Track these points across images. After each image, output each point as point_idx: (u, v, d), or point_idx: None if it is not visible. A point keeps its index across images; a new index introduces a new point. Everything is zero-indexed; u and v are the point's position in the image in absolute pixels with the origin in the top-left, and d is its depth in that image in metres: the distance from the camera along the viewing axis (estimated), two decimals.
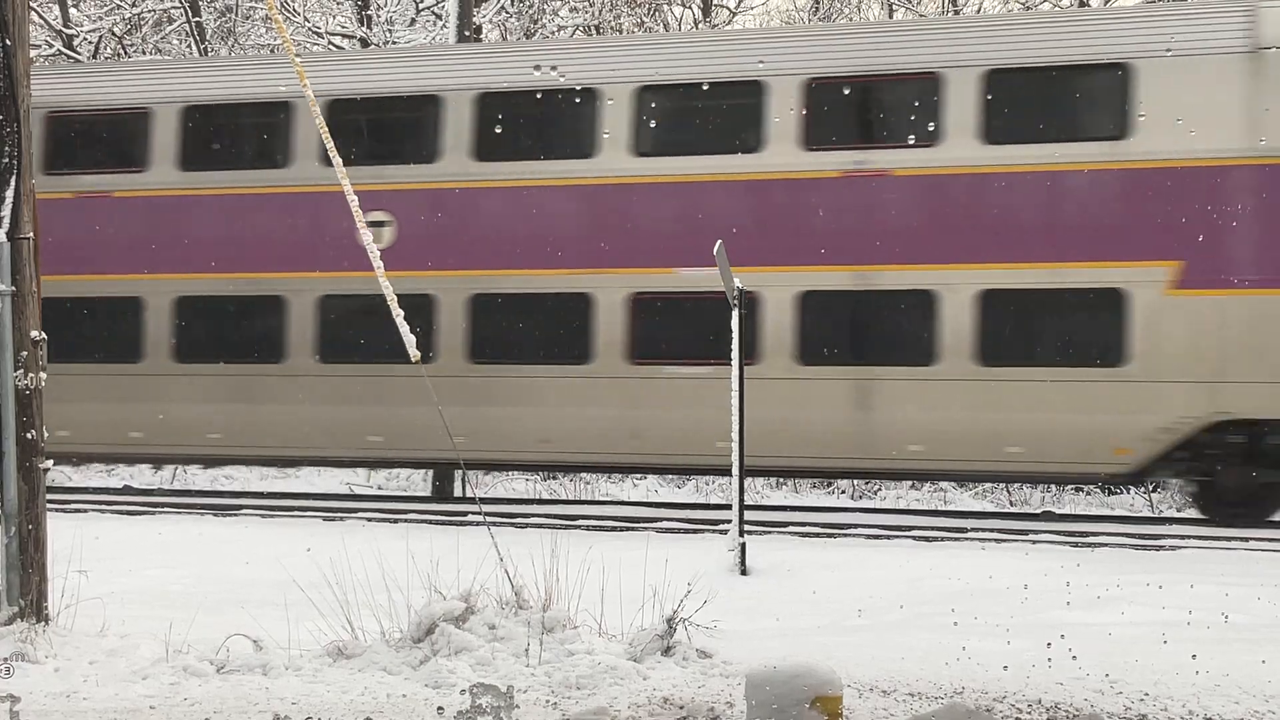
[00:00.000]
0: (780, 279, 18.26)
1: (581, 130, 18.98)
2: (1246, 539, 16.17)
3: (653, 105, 19.07)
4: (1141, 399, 17.30)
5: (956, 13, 34.58)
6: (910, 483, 23.73)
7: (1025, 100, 17.91)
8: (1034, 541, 15.86)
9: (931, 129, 18.09)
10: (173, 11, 33.38)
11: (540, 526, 15.79)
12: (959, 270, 17.72)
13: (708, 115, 19.01)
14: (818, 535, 16.70)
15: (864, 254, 18.05)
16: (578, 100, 19.14)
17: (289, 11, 31.69)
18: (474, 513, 17.14)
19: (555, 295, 19.08)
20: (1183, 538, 16.40)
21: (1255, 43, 17.18)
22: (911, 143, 18.13)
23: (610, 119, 19.03)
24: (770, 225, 18.43)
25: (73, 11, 33.50)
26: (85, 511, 18.30)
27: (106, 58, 33.04)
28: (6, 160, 9.72)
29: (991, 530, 16.76)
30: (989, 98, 17.90)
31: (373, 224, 18.71)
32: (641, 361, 18.68)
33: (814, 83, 18.50)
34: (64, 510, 17.25)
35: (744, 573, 13.82)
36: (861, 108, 18.67)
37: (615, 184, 18.60)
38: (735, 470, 14.38)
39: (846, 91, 18.53)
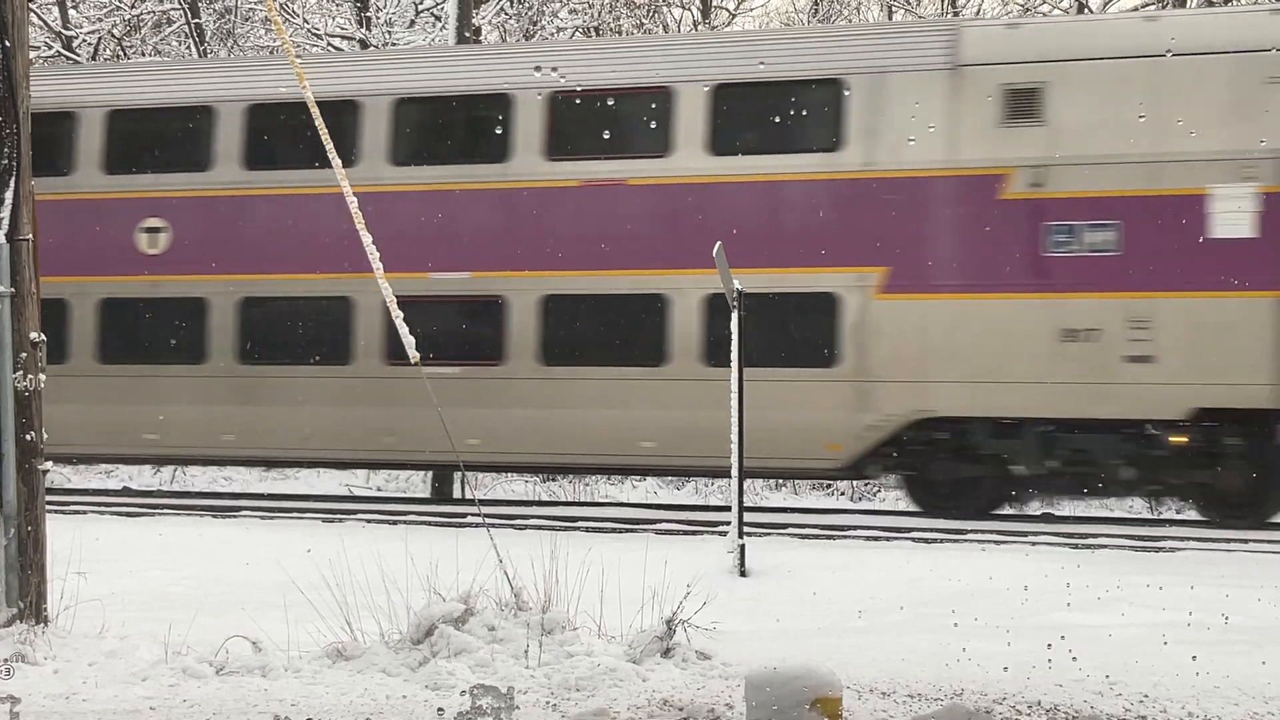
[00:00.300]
0: (526, 283, 19.33)
1: (345, 141, 19.51)
2: (1246, 540, 16.18)
3: (410, 117, 20.10)
4: (851, 398, 18.27)
5: (955, 14, 34.61)
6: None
7: (748, 114, 18.93)
8: (1034, 543, 15.86)
9: (663, 141, 19.08)
10: (172, 13, 33.38)
11: (539, 528, 15.79)
12: (688, 275, 18.56)
13: (460, 127, 20.33)
14: (817, 537, 16.70)
15: (601, 260, 19.10)
16: (342, 111, 19.70)
17: (288, 13, 31.70)
18: (473, 514, 17.14)
19: (317, 299, 20.02)
20: (1182, 539, 16.41)
21: (956, 60, 18.20)
22: (645, 154, 19.15)
23: (370, 130, 20.00)
24: (516, 232, 19.45)
25: (72, 13, 33.50)
26: (85, 513, 18.29)
27: (105, 59, 33.05)
28: (6, 161, 9.72)
29: (991, 531, 16.76)
30: (715, 111, 18.89)
31: (149, 230, 20.38)
32: (396, 362, 19.08)
33: (557, 96, 19.49)
34: (63, 512, 17.24)
35: (743, 574, 13.82)
36: (600, 120, 19.43)
37: (373, 192, 19.11)
38: (734, 471, 14.38)
39: (587, 104, 19.47)
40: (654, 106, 19.16)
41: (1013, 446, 18.09)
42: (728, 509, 15.00)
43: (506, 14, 32.24)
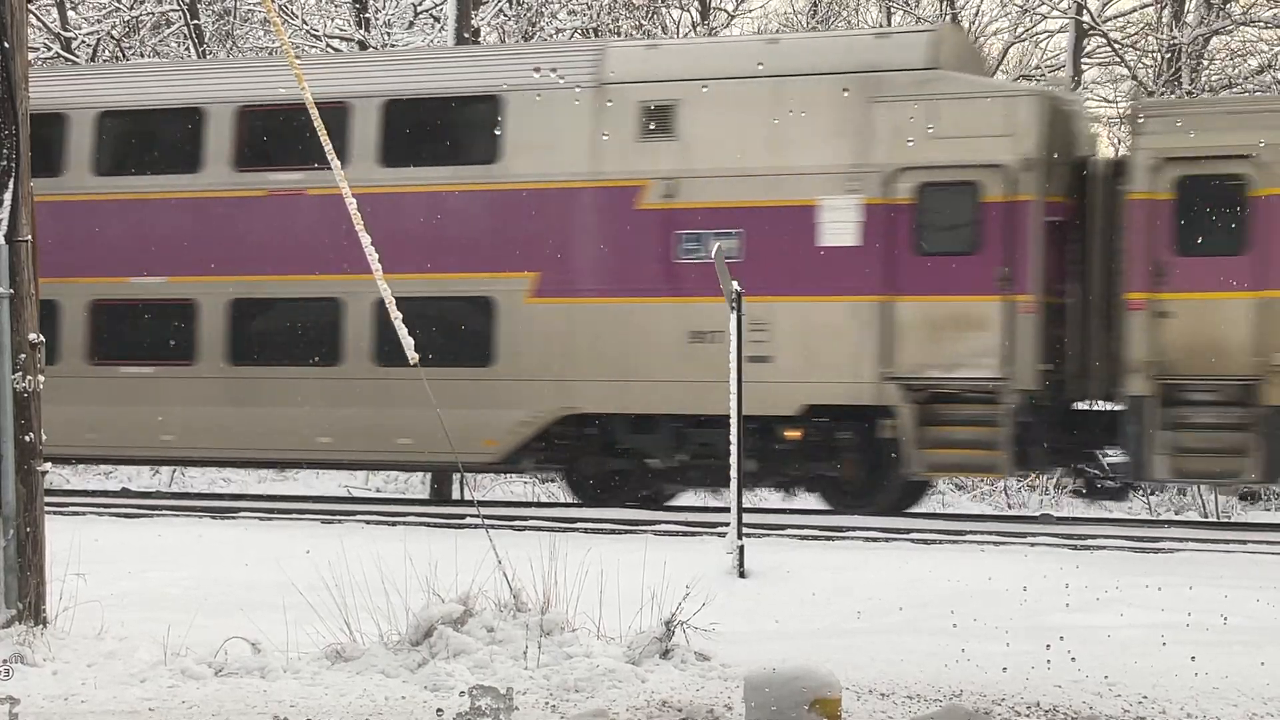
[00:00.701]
0: (215, 287, 20.39)
1: (51, 152, 20.37)
2: (1245, 541, 16.19)
3: (111, 129, 21.25)
4: (505, 395, 19.34)
5: (954, 16, 34.61)
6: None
7: (416, 128, 20.18)
8: (1033, 544, 15.85)
9: (341, 153, 20.00)
10: (171, 14, 33.38)
11: (538, 529, 15.77)
12: (360, 280, 19.05)
13: (156, 138, 21.37)
14: (816, 537, 16.68)
15: (282, 265, 20.17)
16: (50, 124, 20.32)
17: (287, 14, 31.69)
18: (472, 515, 17.12)
19: (161, 302, 20.85)
20: (1181, 540, 16.41)
21: (600, 79, 19.32)
22: (325, 165, 20.09)
23: (74, 141, 21.04)
24: (207, 239, 20.55)
25: (71, 14, 33.49)
26: (84, 514, 18.27)
27: (104, 60, 33.05)
28: (5, 163, 9.73)
29: (990, 533, 16.75)
30: (387, 125, 20.11)
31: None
32: (101, 362, 20.68)
33: (245, 110, 20.57)
34: (62, 513, 17.21)
35: (742, 575, 13.81)
36: (282, 133, 20.37)
37: (78, 201, 20.55)
38: (734, 472, 14.38)
39: (271, 119, 20.39)
40: (331, 121, 20.26)
41: (649, 441, 19.21)
42: (726, 510, 14.99)
43: (505, 15, 32.24)
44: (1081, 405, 19.35)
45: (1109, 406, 18.83)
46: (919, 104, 18.17)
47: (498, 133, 19.52)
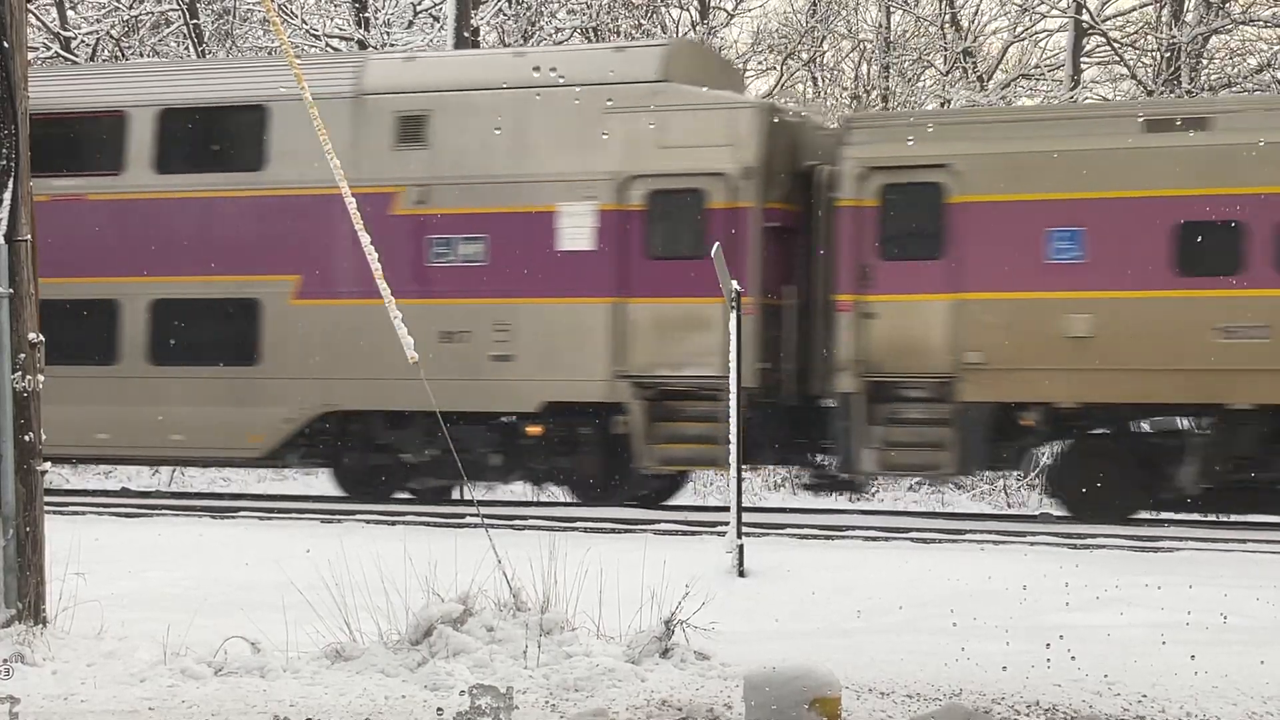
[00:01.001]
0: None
1: None
2: (1245, 541, 16.18)
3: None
4: (270, 393, 20.14)
5: (954, 17, 34.61)
6: (908, 485, 23.96)
7: (190, 136, 21.08)
8: (1032, 543, 15.85)
9: (115, 161, 21.09)
10: (170, 14, 33.38)
11: (538, 528, 15.77)
12: (138, 282, 20.64)
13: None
14: (815, 537, 16.69)
15: (64, 268, 19.96)
16: None
17: (287, 14, 31.69)
18: (472, 515, 17.12)
19: None
20: (1181, 539, 16.40)
21: (360, 90, 20.26)
22: (102, 172, 21.10)
23: None
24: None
25: (70, 14, 33.49)
26: (83, 514, 18.27)
27: (104, 60, 33.06)
28: (5, 162, 9.73)
29: (990, 531, 16.76)
30: (162, 133, 20.92)
31: None
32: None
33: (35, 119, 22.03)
34: (62, 513, 17.21)
35: (742, 574, 13.81)
36: (65, 141, 21.08)
37: None
38: (733, 471, 14.38)
39: (53, 126, 20.62)
40: (106, 131, 21.18)
41: (403, 437, 20.01)
42: (726, 509, 14.99)
43: (505, 15, 32.23)
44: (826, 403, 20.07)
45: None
46: (649, 115, 19.07)
47: (264, 141, 20.39)
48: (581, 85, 19.26)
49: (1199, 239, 17.65)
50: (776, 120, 19.29)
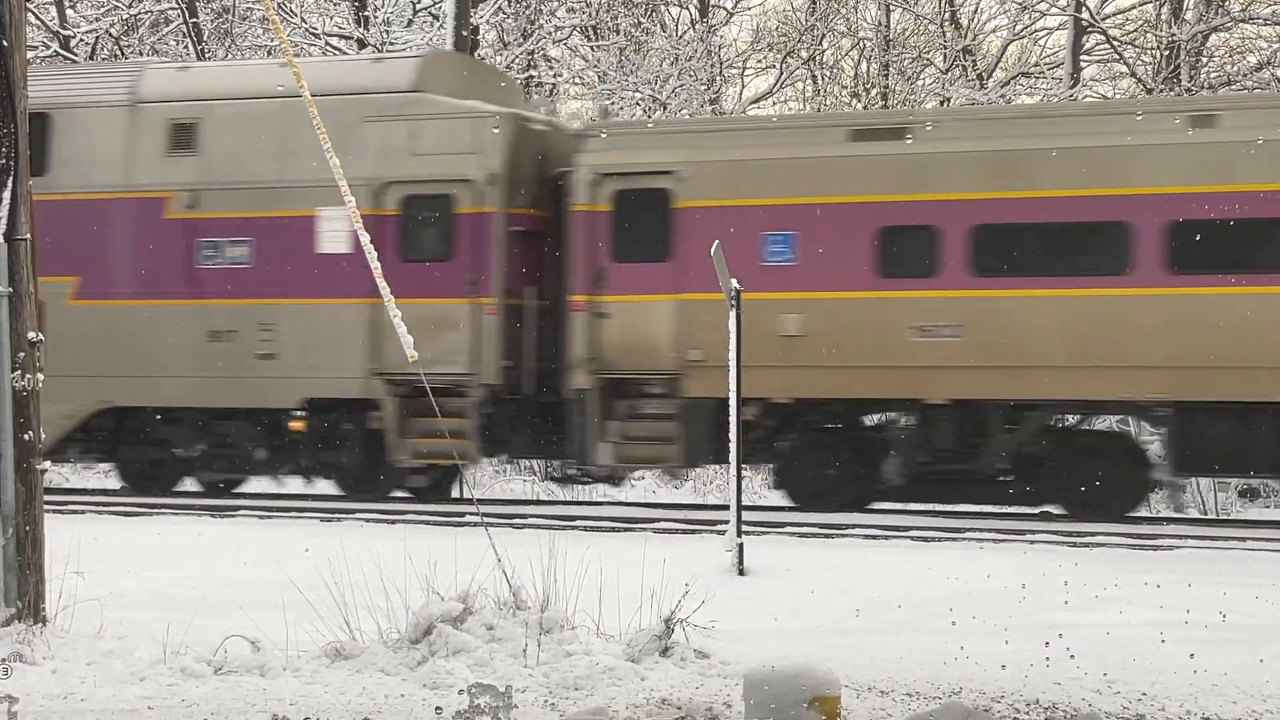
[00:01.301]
0: None
1: None
2: (1245, 539, 16.19)
3: None
4: (49, 390, 20.82)
5: (954, 15, 34.62)
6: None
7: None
8: (1032, 542, 15.86)
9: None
10: (170, 13, 33.38)
11: (538, 527, 15.78)
12: None
13: None
14: (815, 535, 16.69)
15: None
16: None
17: (286, 13, 31.68)
18: (471, 513, 17.14)
19: None
20: (1180, 538, 16.41)
21: (136, 98, 21.09)
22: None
23: None
24: None
25: (69, 13, 33.49)
26: (83, 513, 18.29)
27: (103, 59, 33.05)
28: (4, 161, 9.73)
29: (989, 530, 16.76)
30: None
31: None
32: None
33: None
34: (61, 511, 17.23)
35: (742, 573, 13.81)
36: None
37: None
38: (733, 470, 14.38)
39: None
40: None
41: (176, 432, 20.91)
42: (726, 508, 15.00)
43: (504, 13, 32.23)
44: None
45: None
46: (403, 123, 20.00)
47: (47, 147, 20.84)
48: (341, 95, 19.82)
49: (898, 243, 18.58)
50: (524, 129, 20.18)
